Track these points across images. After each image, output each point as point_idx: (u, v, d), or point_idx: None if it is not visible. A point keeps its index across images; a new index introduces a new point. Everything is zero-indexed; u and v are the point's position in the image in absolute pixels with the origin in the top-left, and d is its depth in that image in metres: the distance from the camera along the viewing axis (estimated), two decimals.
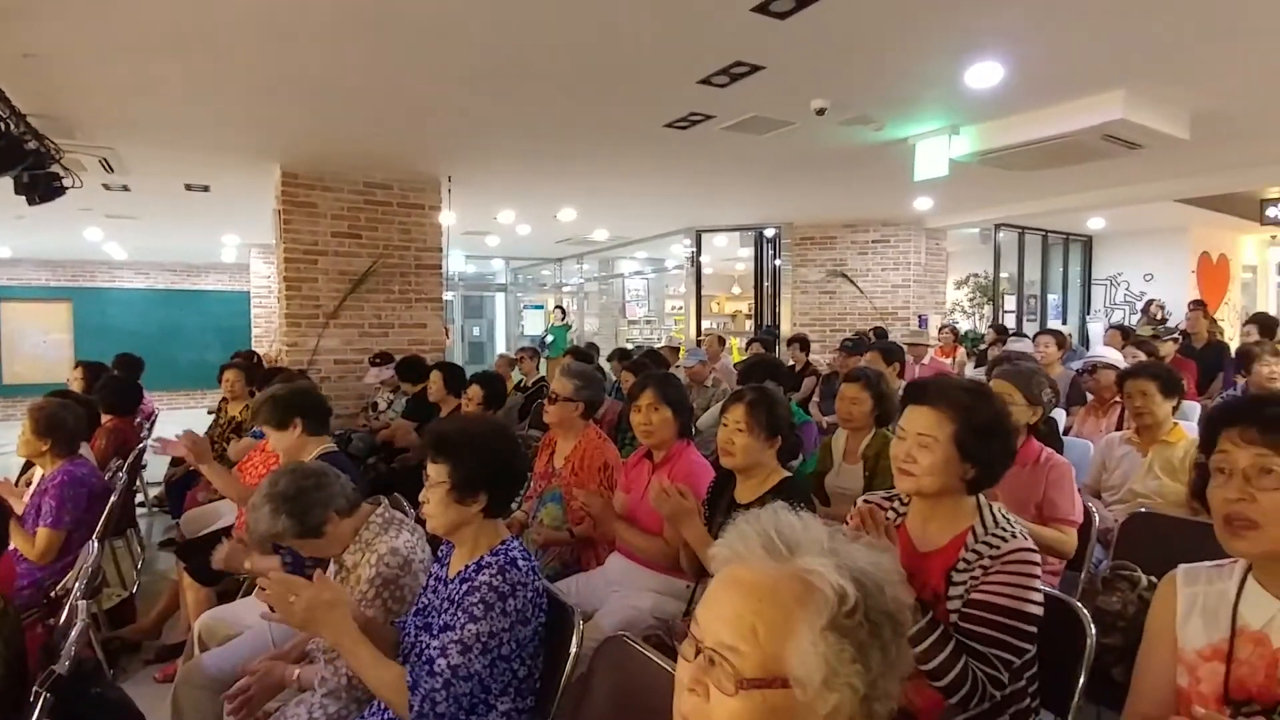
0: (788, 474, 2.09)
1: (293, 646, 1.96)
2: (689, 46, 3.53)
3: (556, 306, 12.40)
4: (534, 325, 13.77)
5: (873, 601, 0.74)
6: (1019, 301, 10.44)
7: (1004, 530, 1.42)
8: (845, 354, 5.60)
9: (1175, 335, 7.12)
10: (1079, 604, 1.56)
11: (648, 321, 13.56)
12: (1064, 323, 10.61)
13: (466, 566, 1.58)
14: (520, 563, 1.56)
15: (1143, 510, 2.40)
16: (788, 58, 3.66)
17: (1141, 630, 1.29)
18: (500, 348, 13.24)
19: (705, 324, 10.06)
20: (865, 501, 1.61)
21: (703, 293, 10.08)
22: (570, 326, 11.80)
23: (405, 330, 6.34)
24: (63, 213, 6.31)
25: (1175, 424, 2.81)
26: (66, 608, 1.97)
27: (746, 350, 7.27)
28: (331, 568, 1.96)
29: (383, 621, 1.74)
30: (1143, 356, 4.75)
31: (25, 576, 2.68)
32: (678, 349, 7.85)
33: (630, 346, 8.92)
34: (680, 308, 11.93)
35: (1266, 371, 3.58)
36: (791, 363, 6.57)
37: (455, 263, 11.76)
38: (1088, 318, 10.96)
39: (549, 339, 11.00)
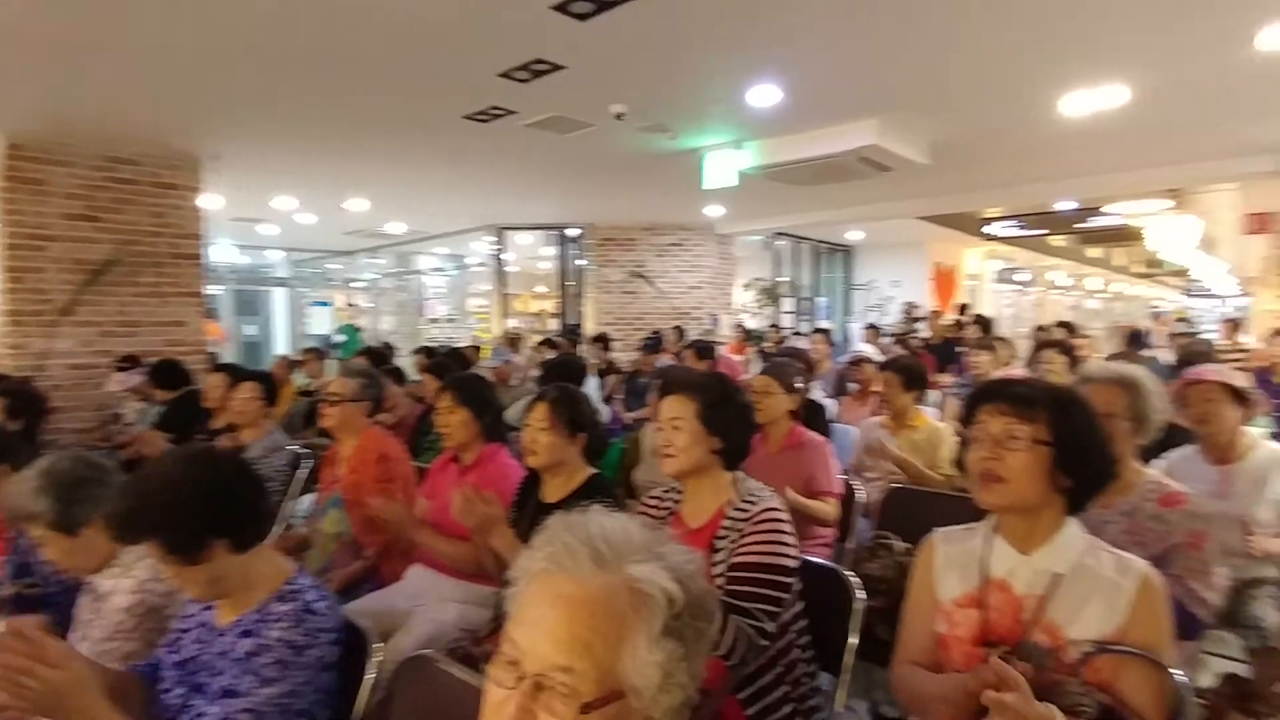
0: (594, 471, 2.11)
1: None
2: (490, 39, 3.45)
3: (348, 304, 11.48)
4: (321, 324, 12.65)
5: (694, 599, 0.76)
6: (796, 303, 11.60)
7: (754, 496, 1.61)
8: (645, 353, 5.82)
9: (917, 333, 8.34)
10: (848, 572, 1.76)
11: (450, 320, 13.04)
12: (831, 323, 11.97)
13: (246, 616, 1.35)
14: (317, 605, 1.37)
15: (897, 486, 2.76)
16: (588, 60, 3.71)
17: (901, 592, 1.47)
18: (280, 348, 12.00)
19: (510, 322, 9.92)
20: (646, 499, 1.80)
21: (507, 291, 9.93)
22: (362, 327, 10.98)
23: (159, 329, 5.48)
24: None
25: (918, 411, 3.28)
26: None
27: (539, 349, 7.28)
28: (84, 605, 1.66)
29: (142, 655, 1.48)
30: (898, 350, 5.50)
31: None
32: (479, 349, 7.65)
33: (433, 346, 8.53)
34: (484, 306, 11.64)
35: (972, 361, 4.34)
36: (595, 361, 6.69)
37: (223, 253, 10.46)
38: (848, 318, 12.45)
39: (338, 339, 10.15)
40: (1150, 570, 1.22)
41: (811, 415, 3.18)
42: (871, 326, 8.70)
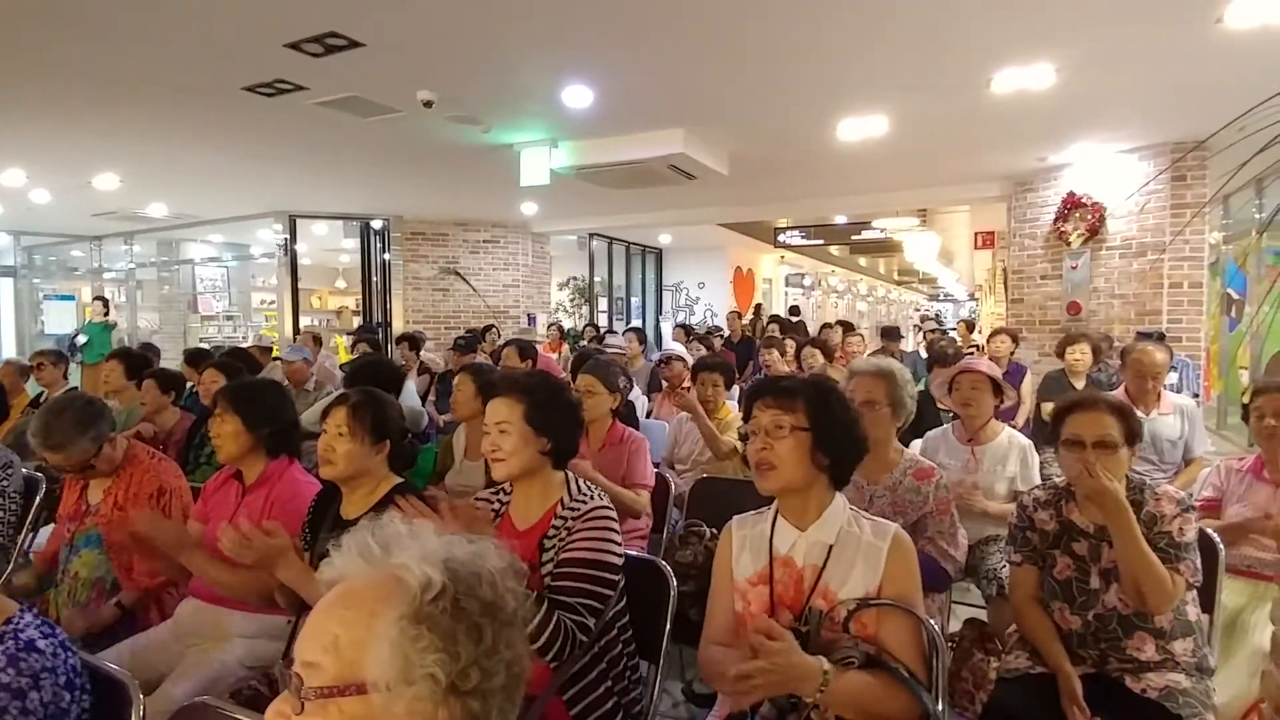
0: (400, 480, 1.96)
1: None
2: (275, 3, 3.10)
3: (96, 298, 9.75)
4: (61, 321, 10.68)
5: (464, 587, 0.72)
6: (610, 303, 11.85)
7: (585, 495, 1.62)
8: (459, 353, 5.61)
9: (721, 332, 8.92)
10: (661, 560, 1.81)
11: (229, 317, 11.59)
12: (644, 322, 12.40)
13: None
14: (40, 643, 1.17)
15: (705, 476, 2.91)
16: (390, 39, 3.49)
17: (709, 575, 1.55)
18: (9, 351, 9.96)
19: (304, 320, 9.06)
20: (478, 498, 1.74)
21: (300, 285, 9.04)
22: (114, 325, 9.36)
23: None
24: None
25: (725, 404, 3.49)
26: None
27: (354, 350, 6.75)
28: None
29: None
30: (703, 350, 5.81)
31: None
32: (270, 348, 6.89)
33: (208, 346, 7.50)
34: (271, 302, 10.51)
35: (764, 359, 4.75)
36: (403, 362, 6.32)
37: None
38: (660, 317, 12.98)
39: (82, 339, 8.57)
40: (899, 531, 1.42)
41: (629, 413, 3.27)
42: (681, 326, 9.13)
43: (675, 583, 1.73)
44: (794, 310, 10.58)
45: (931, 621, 1.38)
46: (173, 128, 4.97)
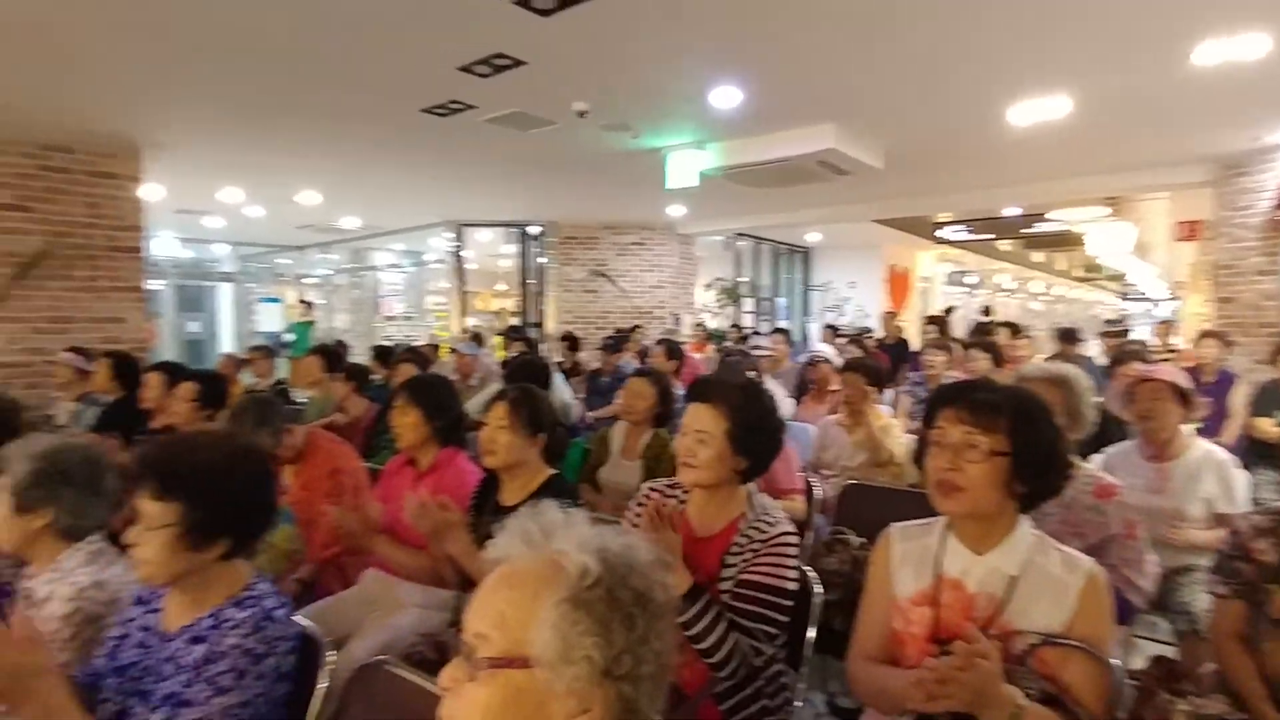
0: (554, 472, 2.08)
1: None
2: (450, 31, 3.39)
3: (299, 300, 11.16)
4: (270, 321, 12.27)
5: (617, 577, 0.76)
6: (756, 304, 11.73)
7: (770, 516, 1.56)
8: (607, 352, 5.81)
9: (872, 334, 8.53)
10: (808, 568, 1.78)
11: (407, 318, 12.79)
12: (790, 323, 12.14)
13: (198, 621, 1.30)
14: (277, 613, 1.33)
15: (853, 482, 2.81)
16: (550, 56, 3.68)
17: (856, 585, 1.50)
18: (226, 346, 11.61)
19: (469, 321, 9.79)
20: (652, 489, 1.73)
21: (466, 289, 9.79)
22: (314, 323, 10.68)
23: (94, 325, 5.24)
24: None
25: (874, 408, 3.35)
26: None
27: (509, 348, 7.20)
28: (18, 610, 1.58)
29: (75, 666, 1.41)
30: (855, 351, 5.59)
31: None
32: (437, 347, 7.52)
33: (389, 344, 8.34)
34: (442, 304, 11.44)
35: (927, 361, 4.45)
36: (560, 359, 6.65)
37: (165, 246, 10.08)
38: (807, 318, 12.64)
39: (289, 336, 9.84)
40: (1096, 568, 1.26)
41: None
42: (829, 327, 8.84)
43: (820, 590, 1.70)
44: (948, 311, 9.89)
45: (1115, 660, 1.24)
46: (362, 148, 5.56)
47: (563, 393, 4.48)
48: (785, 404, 4.47)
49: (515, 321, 9.78)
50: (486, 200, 7.84)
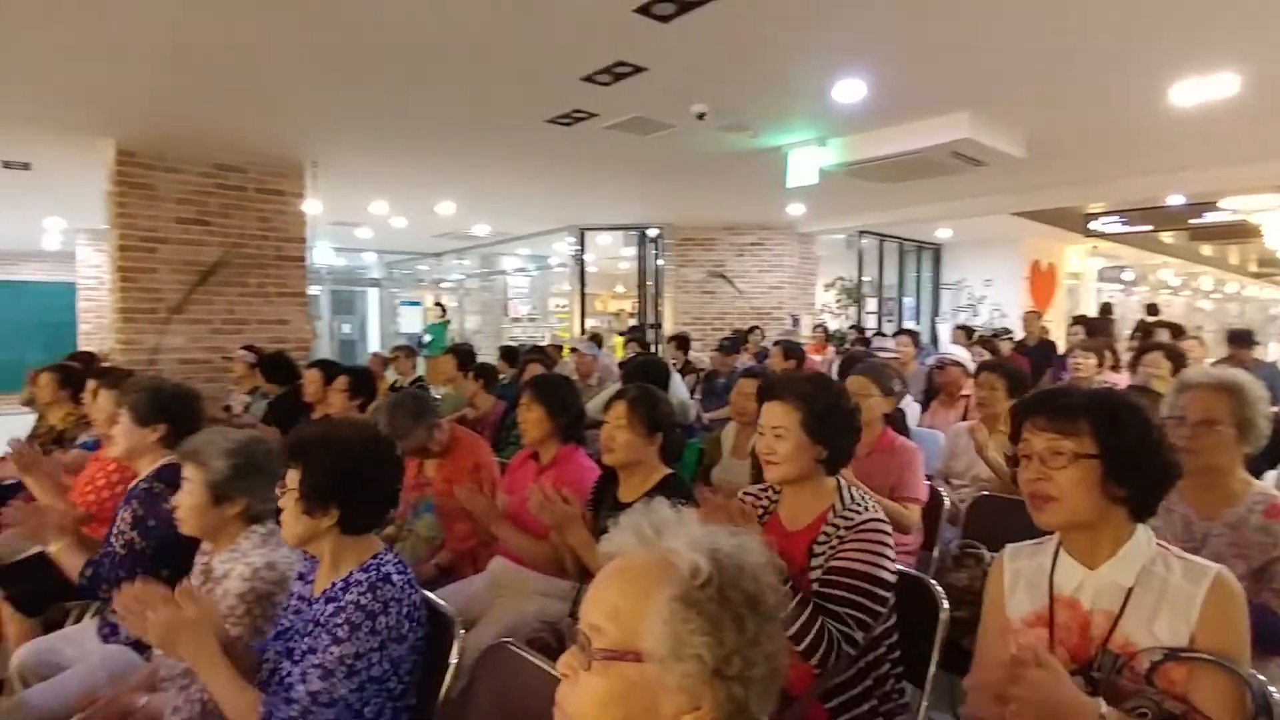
0: (670, 471, 2.11)
1: (143, 677, 1.77)
2: (572, 43, 3.51)
3: (435, 303, 11.93)
4: (410, 322, 13.20)
5: (728, 578, 0.76)
6: (879, 303, 11.25)
7: (859, 505, 1.57)
8: (723, 353, 5.78)
9: (1010, 335, 7.94)
10: (932, 581, 1.70)
11: (531, 319, 13.36)
12: (917, 323, 11.53)
13: (333, 585, 1.44)
14: (395, 577, 1.45)
15: (986, 494, 2.65)
16: (669, 61, 3.73)
17: None
18: (373, 346, 12.59)
19: (589, 322, 10.07)
20: (746, 493, 1.76)
21: (587, 291, 10.08)
22: (449, 324, 11.39)
23: (264, 327, 5.87)
24: None
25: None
26: None
27: (627, 348, 7.34)
28: (195, 580, 1.79)
29: (247, 641, 1.60)
30: (987, 354, 5.24)
31: None
32: (561, 347, 7.80)
33: (515, 345, 8.76)
34: (564, 306, 11.85)
35: (1075, 365, 4.08)
36: (672, 360, 6.70)
37: (322, 255, 11.07)
38: (936, 319, 11.96)
39: (427, 337, 10.56)
40: (1223, 573, 1.16)
41: (898, 420, 3.09)
42: (962, 328, 8.33)
43: (946, 606, 1.62)
44: (1105, 309, 9.01)
45: (1272, 689, 1.12)
46: (493, 160, 5.87)
47: (680, 392, 4.52)
48: (913, 409, 4.27)
49: (634, 323, 9.96)
50: (606, 204, 8.04)
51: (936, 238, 11.59)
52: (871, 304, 11.17)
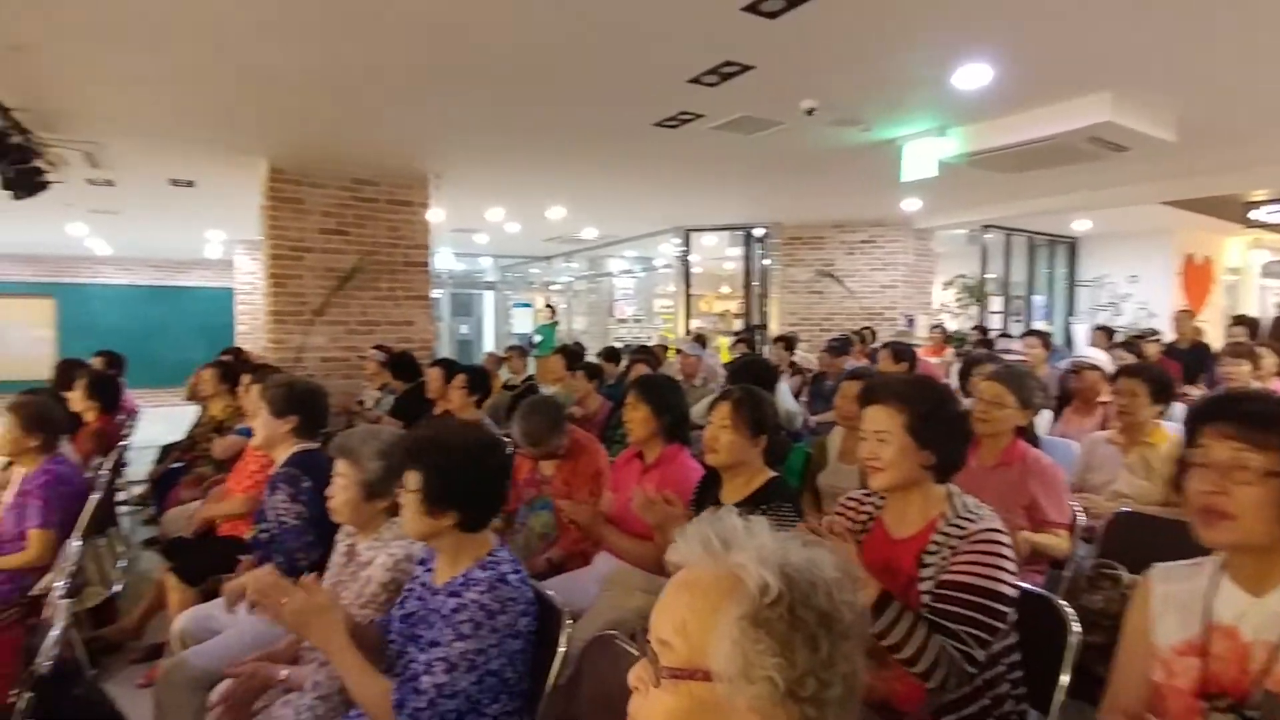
0: (774, 474, 2.08)
1: (287, 645, 1.95)
2: (679, 46, 3.53)
3: (545, 305, 12.36)
4: (522, 323, 13.73)
5: (800, 596, 0.73)
6: (1005, 302, 10.53)
7: (972, 514, 1.48)
8: (831, 355, 5.62)
9: (1158, 337, 7.22)
10: (1063, 602, 1.58)
11: (636, 320, 13.55)
12: (1049, 324, 10.70)
13: (453, 580, 1.53)
14: (511, 577, 1.53)
15: (1126, 510, 2.42)
16: (777, 58, 3.67)
17: None
18: (488, 346, 13.19)
19: (694, 323, 10.07)
20: (844, 501, 1.71)
21: (691, 292, 10.09)
22: (558, 325, 11.77)
23: (393, 328, 6.30)
24: (45, 207, 6.20)
25: (1157, 425, 2.84)
26: (47, 608, 1.94)
27: (733, 349, 7.28)
28: (337, 558, 1.96)
29: (371, 619, 1.73)
30: (1131, 358, 4.80)
31: (5, 578, 2.62)
32: (668, 348, 7.85)
33: (619, 345, 8.92)
34: (669, 307, 11.92)
35: (1226, 372, 3.64)
36: (777, 361, 6.58)
37: (443, 260, 11.72)
38: (1071, 319, 11.04)
39: (537, 338, 10.96)
40: None
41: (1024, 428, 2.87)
42: (1102, 328, 7.65)
43: (1079, 629, 1.50)
44: None
45: None
46: (603, 164, 6.00)
47: (787, 400, 4.43)
48: (1044, 416, 3.98)
49: (740, 324, 9.87)
50: (712, 204, 8.01)
51: (1072, 230, 10.70)
52: (996, 303, 10.48)
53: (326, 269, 6.00)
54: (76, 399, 4.06)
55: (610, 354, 6.47)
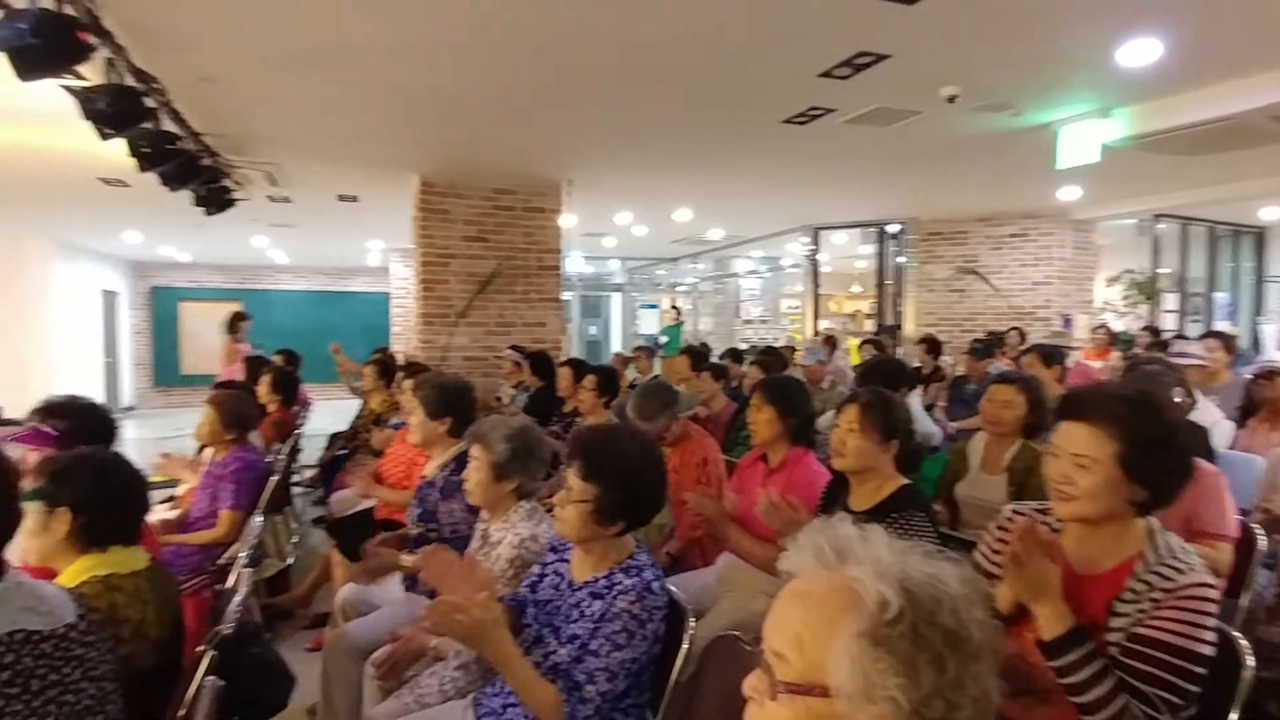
0: (906, 481, 2.00)
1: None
2: (810, 38, 3.47)
3: (671, 306, 12.50)
4: (649, 324, 13.95)
5: (922, 613, 0.69)
6: (1181, 300, 9.40)
7: (1180, 561, 1.28)
8: (974, 357, 5.29)
9: None
10: (1236, 633, 1.42)
11: (763, 321, 13.38)
12: (1234, 324, 9.43)
13: (595, 580, 1.59)
14: (654, 585, 1.56)
15: None
16: (916, 45, 3.52)
17: None
18: (616, 346, 13.51)
19: (823, 323, 9.80)
20: (1016, 511, 1.52)
21: (820, 291, 9.82)
22: (684, 325, 11.86)
23: (527, 329, 6.64)
24: (233, 222, 7.11)
25: None
26: (232, 576, 2.21)
27: (862, 351, 7.02)
28: (474, 543, 2.12)
29: (502, 595, 1.85)
30: None
31: (196, 550, 2.98)
32: (795, 349, 7.70)
33: (744, 346, 8.84)
34: (796, 307, 11.68)
35: None
36: (918, 365, 6.27)
37: (574, 264, 12.16)
38: (1259, 319, 9.66)
39: (663, 338, 11.11)
40: None
41: (1195, 439, 2.58)
42: None
43: (1252, 664, 1.34)
44: None
45: None
46: (730, 165, 6.00)
47: (923, 422, 4.15)
48: (1223, 427, 3.55)
49: (871, 324, 9.49)
50: (843, 201, 7.76)
51: (1260, 220, 9.36)
52: (1170, 300, 9.38)
53: (469, 274, 6.42)
54: (263, 392, 4.60)
55: (734, 355, 6.44)
